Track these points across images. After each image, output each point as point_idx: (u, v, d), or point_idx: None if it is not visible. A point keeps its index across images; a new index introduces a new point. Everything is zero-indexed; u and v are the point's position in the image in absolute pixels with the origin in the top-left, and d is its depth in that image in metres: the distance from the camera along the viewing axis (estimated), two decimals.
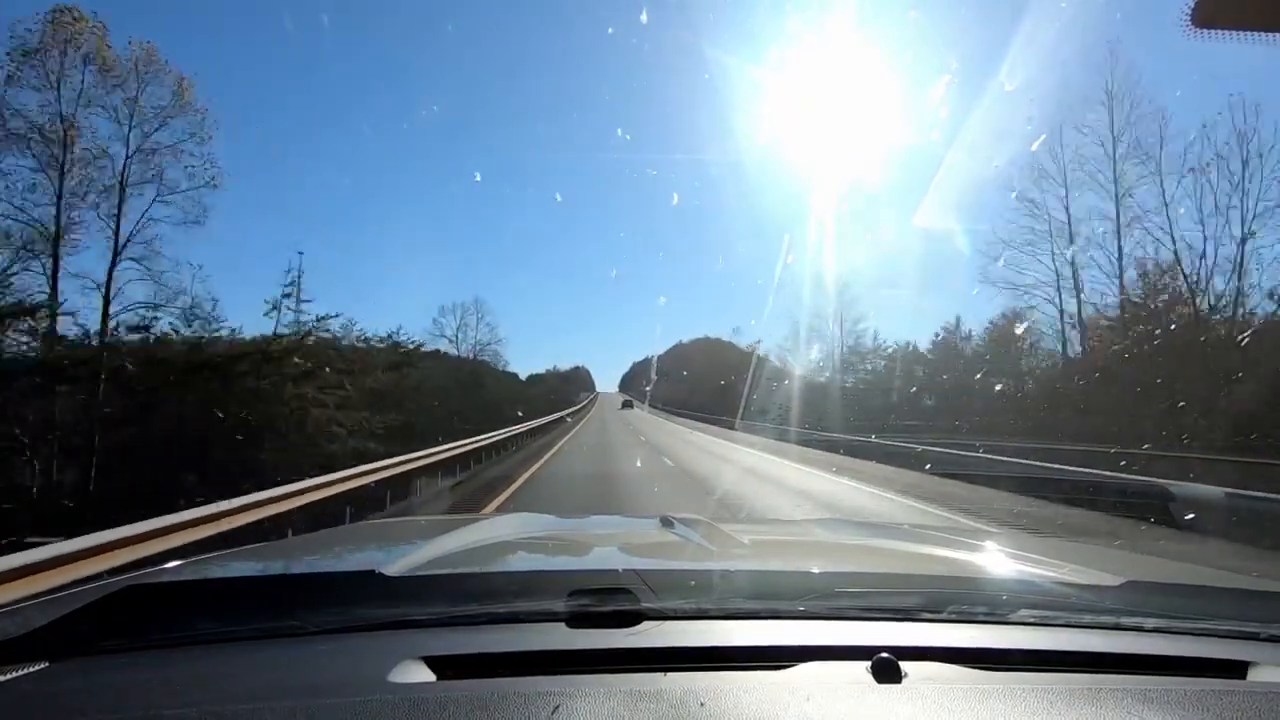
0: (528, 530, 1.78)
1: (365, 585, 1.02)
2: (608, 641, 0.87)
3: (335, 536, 2.23)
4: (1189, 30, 0.91)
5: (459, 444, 14.08)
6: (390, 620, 0.94)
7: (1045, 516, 9.20)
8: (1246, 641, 0.97)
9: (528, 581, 1.13)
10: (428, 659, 0.82)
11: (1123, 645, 0.94)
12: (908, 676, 0.80)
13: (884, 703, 0.74)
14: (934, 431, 21.59)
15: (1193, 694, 0.78)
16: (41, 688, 0.79)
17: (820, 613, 0.99)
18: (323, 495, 7.50)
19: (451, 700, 0.70)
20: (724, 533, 1.59)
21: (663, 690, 0.75)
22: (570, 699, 0.71)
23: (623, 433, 30.86)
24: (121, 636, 0.90)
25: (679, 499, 10.43)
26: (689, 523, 1.65)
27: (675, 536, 1.62)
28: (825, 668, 0.84)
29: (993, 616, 1.01)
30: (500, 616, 0.94)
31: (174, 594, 1.10)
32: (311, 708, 0.70)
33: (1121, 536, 7.85)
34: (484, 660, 0.84)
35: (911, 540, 1.84)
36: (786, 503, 10.47)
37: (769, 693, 0.76)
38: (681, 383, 67.69)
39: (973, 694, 0.76)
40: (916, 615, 1.00)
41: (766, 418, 30.72)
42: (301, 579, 1.19)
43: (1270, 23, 0.91)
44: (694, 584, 1.05)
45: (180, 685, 0.78)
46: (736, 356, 49.77)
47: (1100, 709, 0.73)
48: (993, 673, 0.84)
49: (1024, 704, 0.73)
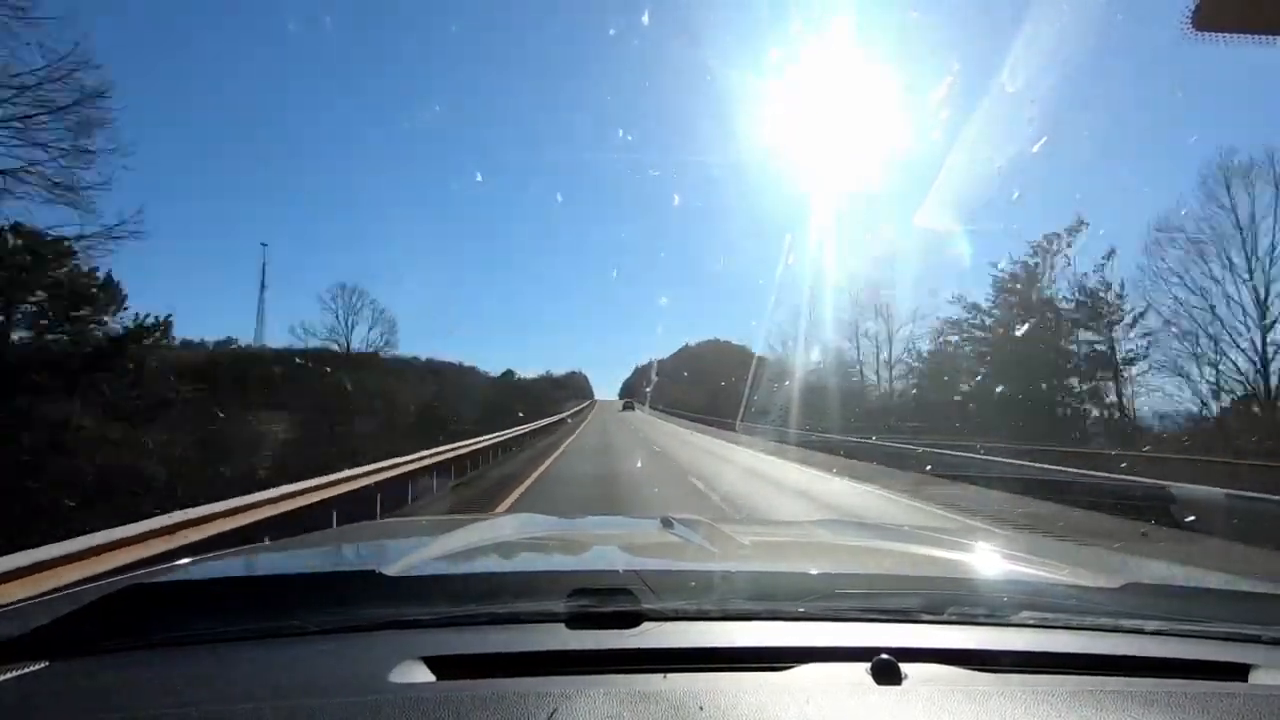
0: (528, 530, 1.78)
1: (366, 585, 1.02)
2: (608, 642, 0.87)
3: (335, 536, 2.23)
4: (1189, 31, 0.91)
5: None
6: (390, 620, 0.94)
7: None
8: (1247, 644, 0.97)
9: (528, 582, 1.13)
10: (428, 659, 0.82)
11: (1123, 647, 0.94)
12: (908, 678, 0.80)
13: (884, 704, 0.74)
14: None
15: (1193, 696, 0.78)
16: (43, 687, 0.79)
17: (820, 614, 0.99)
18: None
19: (451, 700, 0.70)
20: (724, 533, 1.59)
21: (663, 691, 0.75)
22: (570, 700, 0.71)
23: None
24: (123, 636, 0.90)
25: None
26: (689, 523, 1.65)
27: (675, 537, 1.62)
28: (825, 669, 0.84)
29: (993, 618, 1.01)
30: (500, 617, 0.94)
31: (175, 594, 1.10)
32: (312, 707, 0.70)
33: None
34: (484, 660, 0.84)
35: (912, 541, 1.84)
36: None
37: (769, 694, 0.76)
38: (682, 384, 67.68)
39: (973, 696, 0.76)
40: (917, 617, 1.00)
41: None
42: (302, 579, 1.19)
43: (1270, 23, 0.91)
44: (694, 585, 1.05)
45: (181, 685, 0.78)
46: (737, 358, 49.76)
47: (1101, 711, 0.73)
48: (993, 675, 0.84)
49: (1024, 706, 0.73)
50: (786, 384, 34.92)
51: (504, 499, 11.09)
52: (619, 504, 10.16)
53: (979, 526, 8.11)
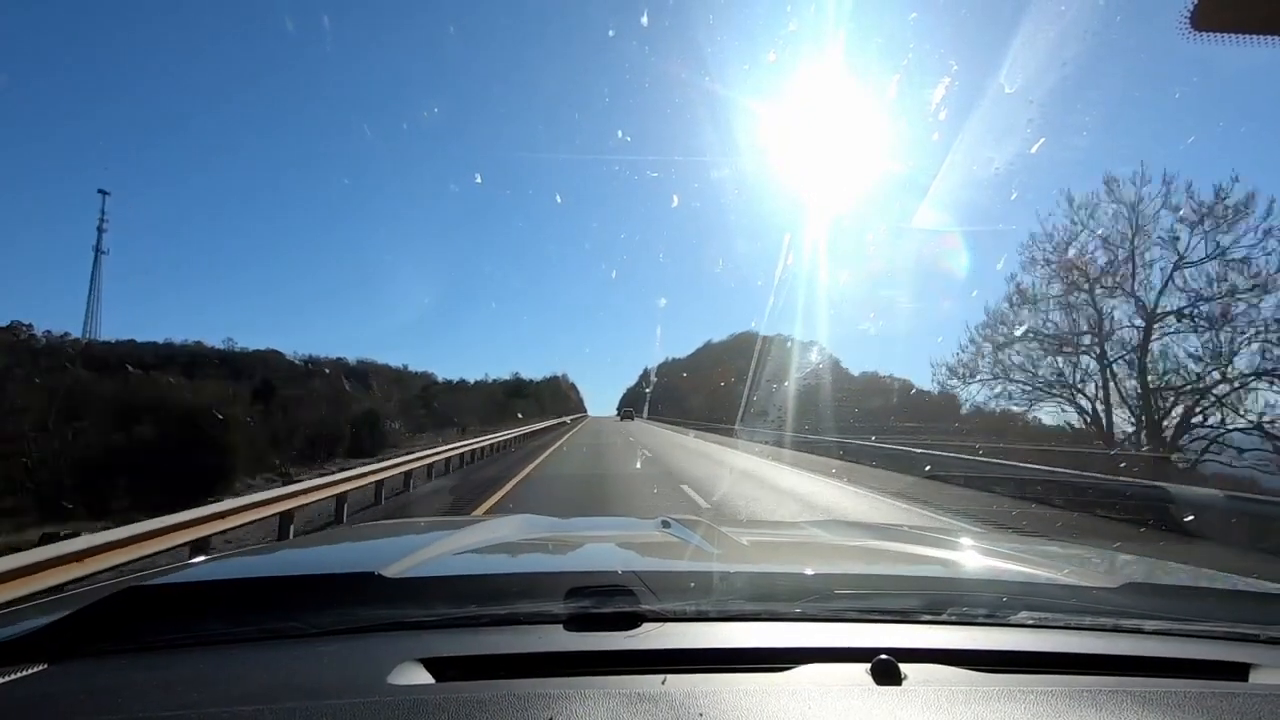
0: (527, 532, 1.77)
1: (365, 587, 1.02)
2: (607, 643, 0.87)
3: (335, 537, 2.23)
4: (1189, 32, 0.91)
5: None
6: (390, 622, 0.94)
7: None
8: (1247, 644, 0.97)
9: (527, 583, 1.13)
10: (427, 661, 0.82)
11: (1122, 647, 0.94)
12: (907, 678, 0.80)
13: (884, 705, 0.74)
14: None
15: (1193, 696, 0.77)
16: (41, 689, 0.79)
17: (820, 615, 0.99)
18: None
19: (451, 702, 0.70)
20: (723, 534, 1.58)
21: (662, 693, 0.74)
22: (569, 701, 0.71)
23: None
24: (121, 638, 0.90)
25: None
26: (688, 524, 1.64)
27: (675, 538, 1.61)
28: (825, 670, 0.83)
29: (992, 618, 1.01)
30: (500, 618, 0.94)
31: (173, 596, 1.10)
32: (311, 709, 0.70)
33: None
34: (483, 662, 0.83)
35: (911, 542, 1.84)
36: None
37: (769, 695, 0.75)
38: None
39: (972, 696, 0.76)
40: (916, 617, 1.00)
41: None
42: (301, 580, 1.18)
43: (1270, 24, 0.91)
44: (693, 586, 1.05)
45: (180, 687, 0.78)
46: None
47: (1100, 711, 0.73)
48: (992, 675, 0.84)
49: (1024, 706, 0.73)
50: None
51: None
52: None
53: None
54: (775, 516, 9.73)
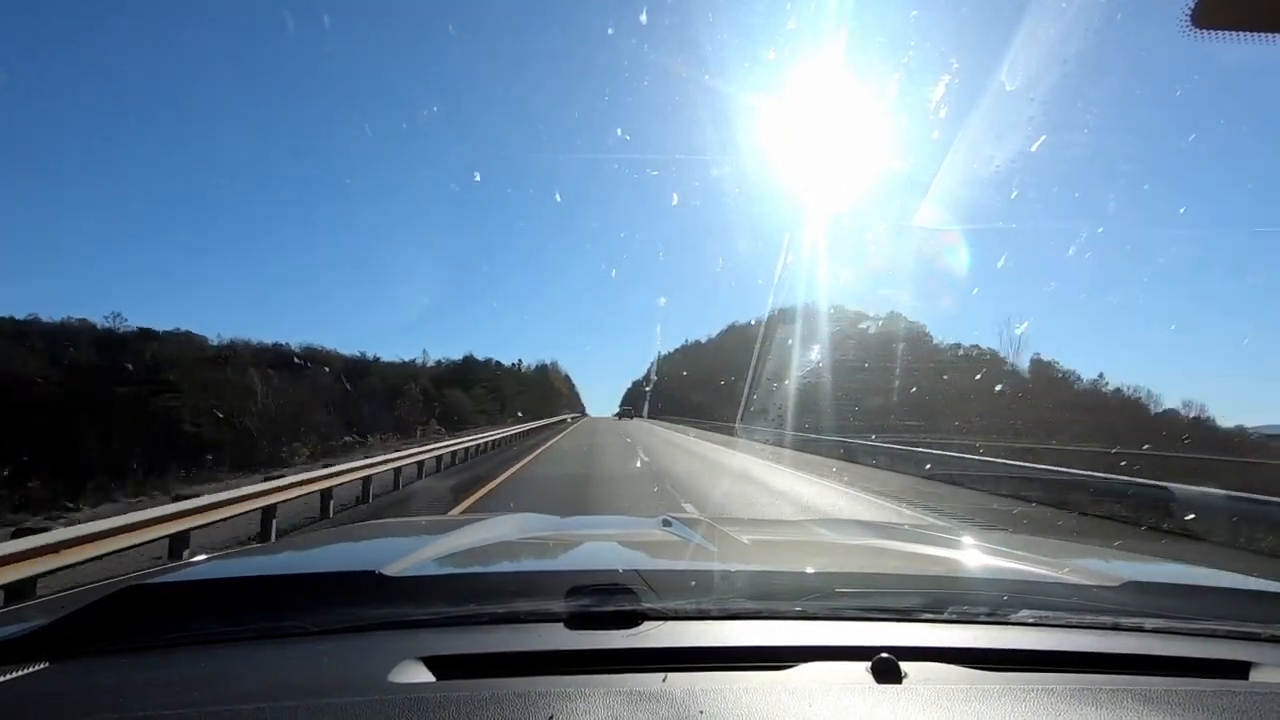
0: (527, 530, 1.77)
1: (365, 585, 1.02)
2: (608, 642, 0.87)
3: (335, 536, 2.22)
4: (1189, 30, 0.91)
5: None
6: (390, 620, 0.94)
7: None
8: (1247, 642, 0.97)
9: (528, 582, 1.13)
10: (428, 659, 0.82)
11: (1123, 646, 0.94)
12: (908, 677, 0.80)
13: (884, 703, 0.74)
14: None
15: (1194, 694, 0.77)
16: (42, 688, 0.79)
17: (820, 613, 0.99)
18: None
19: (451, 700, 0.70)
20: (724, 533, 1.59)
21: (663, 691, 0.74)
22: (570, 700, 0.71)
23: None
24: (121, 637, 0.90)
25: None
26: (689, 523, 1.65)
27: (675, 536, 1.61)
28: (826, 668, 0.83)
29: (993, 617, 1.01)
30: (500, 617, 0.94)
31: (174, 594, 1.10)
32: (312, 708, 0.70)
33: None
34: (484, 660, 0.83)
35: (911, 540, 1.84)
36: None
37: (770, 693, 0.75)
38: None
39: (973, 694, 0.76)
40: (916, 615, 1.00)
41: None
42: (302, 579, 1.18)
43: (1270, 23, 0.91)
44: (694, 584, 1.05)
45: (180, 685, 0.78)
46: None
47: (1101, 709, 0.73)
48: (993, 673, 0.84)
49: (1024, 704, 0.73)
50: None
51: None
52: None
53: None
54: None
